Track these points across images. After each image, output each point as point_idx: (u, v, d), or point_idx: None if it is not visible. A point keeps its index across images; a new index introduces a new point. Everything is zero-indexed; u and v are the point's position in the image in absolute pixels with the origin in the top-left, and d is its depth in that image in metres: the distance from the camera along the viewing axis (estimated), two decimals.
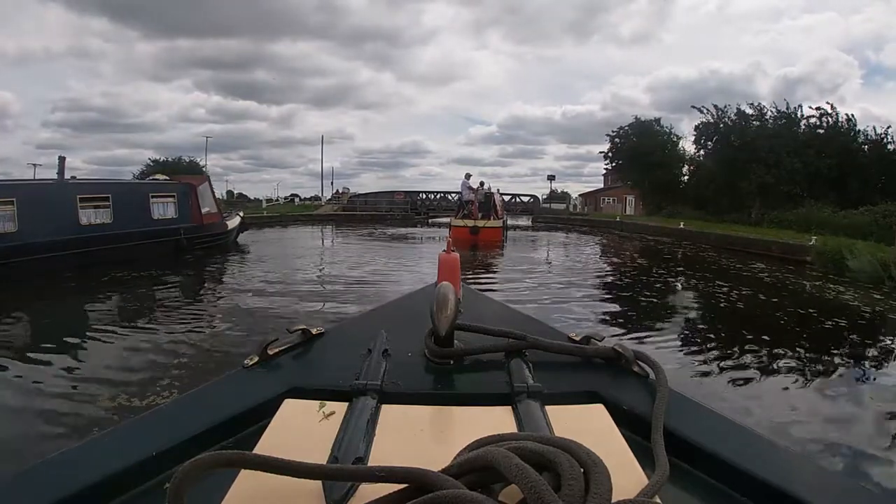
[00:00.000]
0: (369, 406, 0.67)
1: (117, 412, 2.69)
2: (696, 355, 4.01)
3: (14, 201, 7.37)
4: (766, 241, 11.88)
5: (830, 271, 8.55)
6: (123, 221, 8.90)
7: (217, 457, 0.47)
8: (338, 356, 0.83)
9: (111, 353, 3.84)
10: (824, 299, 6.61)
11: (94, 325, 4.83)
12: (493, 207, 13.77)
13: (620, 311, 5.72)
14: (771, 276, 8.46)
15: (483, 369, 0.80)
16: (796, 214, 15.68)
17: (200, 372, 3.35)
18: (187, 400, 0.73)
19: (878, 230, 11.74)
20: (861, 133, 18.70)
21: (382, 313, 1.03)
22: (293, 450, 0.52)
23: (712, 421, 0.69)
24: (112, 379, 3.22)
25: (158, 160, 31.07)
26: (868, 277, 7.56)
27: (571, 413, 0.68)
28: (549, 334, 0.87)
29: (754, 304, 6.14)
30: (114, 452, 0.58)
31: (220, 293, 6.76)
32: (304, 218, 24.64)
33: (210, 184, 12.15)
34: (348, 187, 38.48)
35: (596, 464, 0.46)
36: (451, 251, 1.02)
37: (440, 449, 0.56)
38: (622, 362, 0.79)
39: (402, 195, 29.99)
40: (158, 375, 3.29)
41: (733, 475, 0.58)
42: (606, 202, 36.29)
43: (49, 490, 0.52)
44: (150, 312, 5.42)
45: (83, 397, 2.93)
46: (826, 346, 4.32)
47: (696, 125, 21.88)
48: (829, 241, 9.83)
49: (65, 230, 7.90)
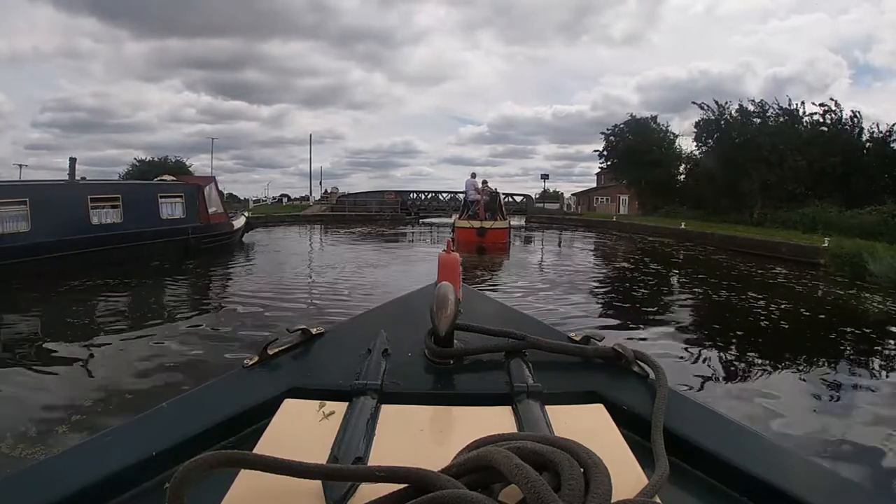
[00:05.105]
0: (369, 406, 0.67)
1: (118, 411, 2.71)
2: (698, 356, 3.97)
3: (27, 202, 7.49)
4: (774, 242, 11.55)
5: (847, 275, 8.20)
6: (133, 221, 9.02)
7: (217, 457, 0.47)
8: (338, 356, 0.83)
9: (117, 351, 3.89)
10: (851, 306, 6.27)
11: (102, 323, 4.89)
12: (499, 207, 13.63)
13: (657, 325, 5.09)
14: (796, 282, 8.01)
15: (483, 369, 0.80)
16: (801, 214, 15.37)
17: (202, 371, 3.37)
18: (187, 400, 0.73)
19: (887, 230, 11.54)
20: (865, 131, 18.25)
21: (382, 313, 1.03)
22: (293, 450, 0.52)
23: (712, 421, 0.68)
24: (116, 377, 3.26)
25: (145, 160, 30.91)
26: (891, 282, 7.19)
27: (571, 413, 0.67)
28: (549, 334, 0.87)
29: (781, 312, 5.74)
30: (114, 452, 0.59)
31: (226, 293, 6.82)
32: (290, 219, 24.26)
33: (216, 184, 12.26)
34: (337, 187, 38.50)
35: (596, 464, 0.46)
36: (451, 251, 1.01)
37: (440, 449, 0.56)
38: (622, 362, 0.79)
39: (392, 195, 29.74)
40: (162, 374, 3.33)
41: (733, 475, 0.58)
42: (600, 202, 36.09)
43: (49, 490, 0.52)
44: (158, 311, 5.48)
45: (86, 395, 2.96)
46: (843, 353, 4.25)
47: (697, 122, 21.55)
48: (845, 243, 9.45)
49: (76, 230, 8.04)
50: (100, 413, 2.72)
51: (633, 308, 5.97)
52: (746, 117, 19.90)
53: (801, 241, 11.08)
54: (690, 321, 5.48)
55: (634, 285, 7.62)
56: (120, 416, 2.54)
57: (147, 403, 0.75)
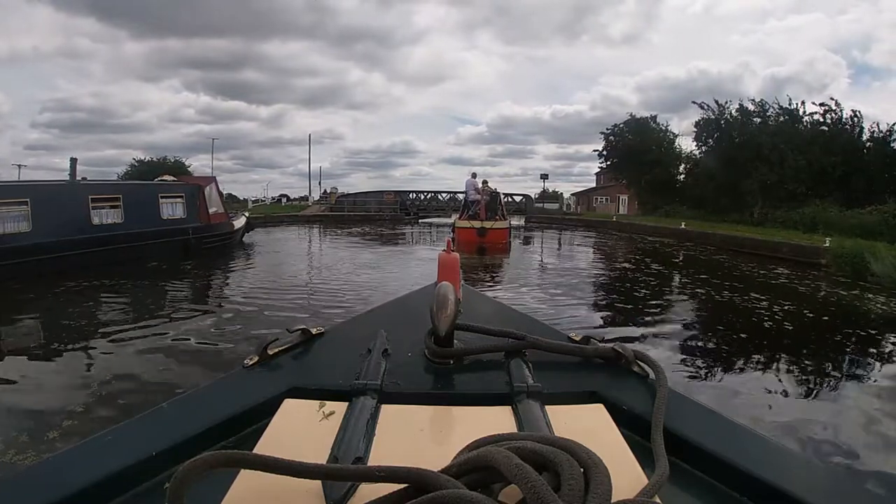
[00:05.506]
0: (369, 406, 0.67)
1: (118, 411, 2.71)
2: (699, 356, 3.97)
3: (28, 202, 7.51)
4: (775, 242, 11.52)
5: (848, 275, 8.17)
6: (133, 221, 9.04)
7: (217, 457, 0.47)
8: (338, 356, 0.83)
9: (118, 351, 3.89)
10: (854, 307, 6.22)
11: (102, 323, 4.89)
12: (499, 207, 13.65)
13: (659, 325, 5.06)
14: (798, 282, 7.95)
15: (483, 369, 0.80)
16: (801, 214, 15.36)
17: (202, 371, 3.38)
18: (187, 400, 0.73)
19: (888, 230, 11.52)
20: (865, 131, 18.21)
21: (382, 313, 1.03)
22: (293, 450, 0.52)
23: (712, 421, 0.68)
24: (116, 377, 3.25)
25: (143, 160, 30.88)
26: (894, 282, 7.17)
27: (571, 413, 0.68)
28: (549, 334, 0.87)
29: (784, 312, 5.67)
30: (114, 452, 0.59)
31: (226, 293, 6.82)
32: (289, 219, 24.25)
33: (217, 185, 12.27)
34: (336, 187, 38.26)
35: (596, 464, 0.46)
36: (451, 251, 1.01)
37: (440, 449, 0.57)
38: (622, 362, 0.79)
39: (391, 195, 29.71)
40: (162, 374, 3.33)
41: (733, 475, 0.58)
42: (599, 202, 36.09)
43: (49, 490, 0.52)
44: (158, 311, 5.48)
45: (86, 394, 2.96)
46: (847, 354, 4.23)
47: (697, 121, 21.57)
48: (846, 243, 9.43)
49: (77, 230, 8.06)
50: (100, 413, 2.72)
51: (633, 308, 5.95)
52: (746, 117, 19.90)
53: (803, 242, 11.06)
54: (691, 321, 5.47)
55: (635, 285, 7.60)
56: (120, 417, 2.54)
57: (147, 404, 0.75)
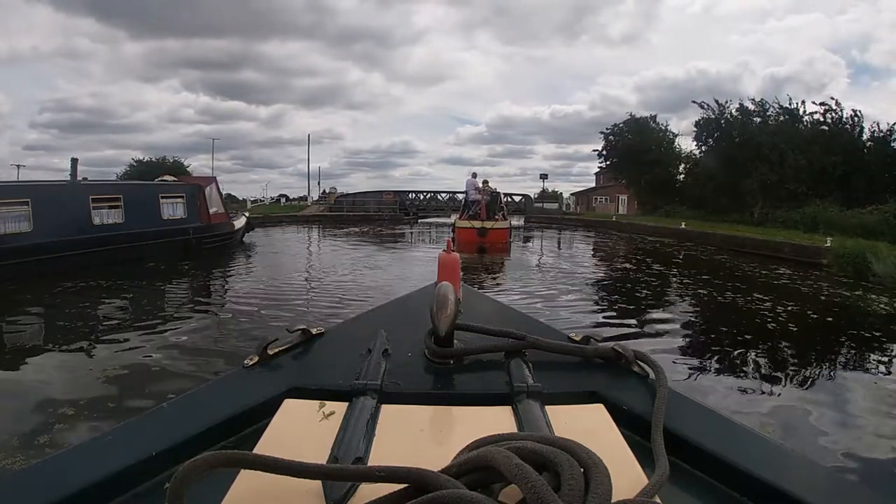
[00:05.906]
0: (369, 406, 0.67)
1: (118, 411, 2.71)
2: (699, 356, 3.97)
3: (29, 202, 7.52)
4: (777, 242, 11.50)
5: (850, 275, 8.15)
6: (134, 221, 9.05)
7: (217, 457, 0.47)
8: (338, 356, 0.83)
9: (118, 351, 3.89)
10: (857, 307, 6.21)
11: (102, 323, 4.91)
12: (500, 207, 13.64)
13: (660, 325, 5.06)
14: (800, 282, 7.90)
15: (483, 369, 0.80)
16: (802, 214, 15.35)
17: (202, 371, 3.38)
18: (187, 400, 0.73)
19: (888, 230, 11.51)
20: (866, 130, 18.22)
21: (382, 313, 1.03)
22: (293, 450, 0.52)
23: (712, 421, 0.68)
24: (116, 377, 3.26)
25: (143, 160, 30.93)
26: (895, 282, 7.15)
27: (571, 413, 0.67)
28: (549, 334, 0.87)
29: (787, 313, 5.65)
30: (114, 452, 0.59)
31: (226, 293, 6.83)
32: (289, 219, 24.32)
33: (217, 185, 12.29)
34: (336, 187, 38.36)
35: (596, 464, 0.46)
36: (451, 251, 1.01)
37: (440, 449, 0.56)
38: (622, 362, 0.79)
39: (391, 195, 29.75)
40: (162, 374, 3.33)
41: (733, 475, 0.58)
42: (599, 201, 36.15)
43: (49, 490, 0.52)
44: (158, 311, 5.50)
45: (86, 394, 2.96)
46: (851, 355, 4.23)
47: (697, 121, 21.59)
48: (847, 243, 9.41)
49: (78, 230, 8.08)
50: (100, 413, 2.72)
51: (633, 308, 5.96)
52: (747, 116, 19.89)
53: (804, 241, 11.05)
54: (692, 321, 5.46)
55: (635, 286, 7.60)
56: (120, 417, 2.54)
57: (147, 404, 0.75)
